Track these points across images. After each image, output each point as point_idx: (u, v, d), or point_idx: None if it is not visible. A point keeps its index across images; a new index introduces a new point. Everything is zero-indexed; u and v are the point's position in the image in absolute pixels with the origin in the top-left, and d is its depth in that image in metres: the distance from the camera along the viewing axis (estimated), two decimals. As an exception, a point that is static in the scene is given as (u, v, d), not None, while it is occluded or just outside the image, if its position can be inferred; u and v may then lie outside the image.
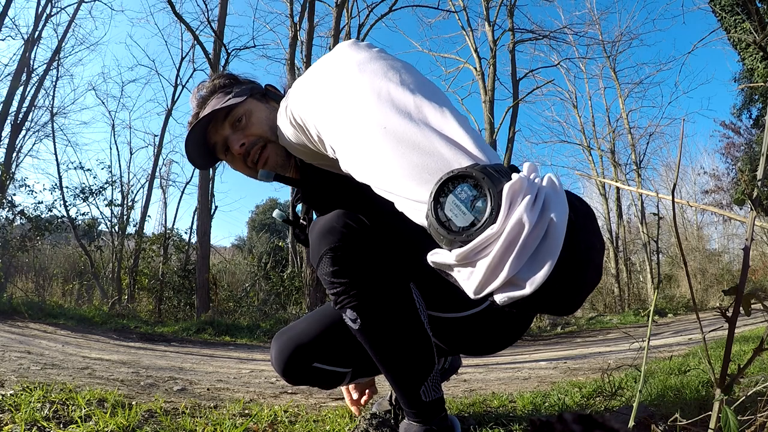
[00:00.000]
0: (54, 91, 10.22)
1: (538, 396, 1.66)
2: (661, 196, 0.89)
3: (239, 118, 0.95)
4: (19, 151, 9.81)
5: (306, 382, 1.13)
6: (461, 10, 11.34)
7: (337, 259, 0.83)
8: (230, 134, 0.95)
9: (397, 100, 0.55)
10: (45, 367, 2.17)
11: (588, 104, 21.31)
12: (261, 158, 0.94)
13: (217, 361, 3.31)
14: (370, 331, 0.86)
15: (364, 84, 0.59)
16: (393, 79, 0.59)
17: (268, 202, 23.24)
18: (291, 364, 1.08)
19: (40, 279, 9.65)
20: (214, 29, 8.46)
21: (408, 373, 0.90)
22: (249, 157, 0.94)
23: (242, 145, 0.93)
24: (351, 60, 0.64)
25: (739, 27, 8.57)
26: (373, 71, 0.61)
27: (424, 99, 0.55)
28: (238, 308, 8.73)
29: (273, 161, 0.95)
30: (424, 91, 0.57)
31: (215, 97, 0.99)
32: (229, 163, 1.01)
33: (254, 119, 0.95)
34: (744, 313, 0.68)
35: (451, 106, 0.56)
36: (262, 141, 0.94)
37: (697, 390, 1.46)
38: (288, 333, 1.13)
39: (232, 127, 0.95)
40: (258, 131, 0.94)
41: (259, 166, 0.95)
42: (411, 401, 0.92)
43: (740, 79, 11.26)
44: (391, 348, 0.88)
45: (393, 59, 0.65)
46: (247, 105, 0.96)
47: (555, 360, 3.56)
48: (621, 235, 14.19)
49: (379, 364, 0.92)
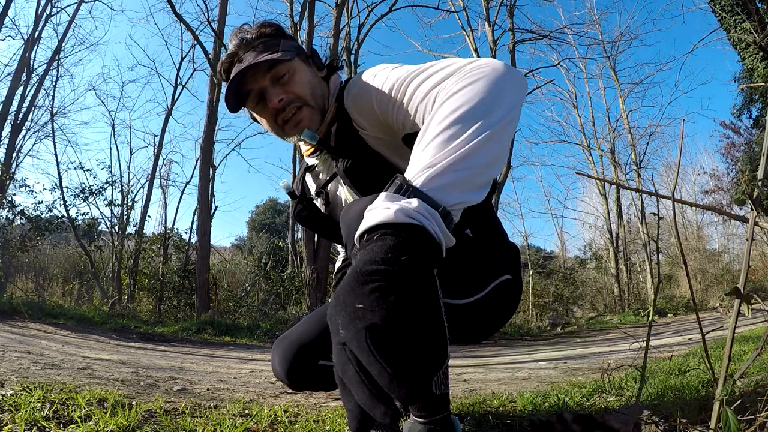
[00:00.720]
0: (54, 91, 10.22)
1: (538, 396, 1.66)
2: (661, 196, 0.89)
3: (283, 74, 0.94)
4: (19, 151, 9.82)
5: (310, 383, 1.11)
6: (461, 10, 11.35)
7: None
8: (269, 87, 0.95)
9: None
10: (45, 367, 2.17)
11: (588, 104, 21.36)
12: (294, 118, 0.95)
13: (217, 361, 3.31)
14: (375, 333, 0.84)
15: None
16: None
17: (268, 202, 23.27)
18: (296, 363, 1.06)
19: (40, 279, 9.65)
20: (214, 29, 8.46)
21: (423, 362, 0.85)
22: (283, 113, 0.95)
23: (281, 101, 0.94)
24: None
25: (739, 27, 8.57)
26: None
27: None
28: (238, 308, 8.73)
29: (305, 124, 0.96)
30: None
31: (260, 45, 0.96)
32: (256, 114, 1.00)
33: (297, 78, 0.95)
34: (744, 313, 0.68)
35: None
36: (299, 102, 0.95)
37: (697, 390, 1.46)
38: (289, 337, 1.12)
39: (273, 80, 0.95)
40: (299, 91, 0.95)
41: (289, 127, 0.96)
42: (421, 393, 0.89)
43: (740, 79, 11.26)
44: (411, 336, 0.84)
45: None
46: (294, 63, 0.96)
47: (555, 360, 3.56)
48: (621, 235, 14.18)
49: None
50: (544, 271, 13.68)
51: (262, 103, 0.97)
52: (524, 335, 7.70)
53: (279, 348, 1.11)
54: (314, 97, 0.96)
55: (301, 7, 8.71)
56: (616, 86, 14.69)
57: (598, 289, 14.31)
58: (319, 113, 0.97)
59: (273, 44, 0.96)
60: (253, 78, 0.94)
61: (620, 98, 14.62)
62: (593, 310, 12.89)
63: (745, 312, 0.69)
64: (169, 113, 11.14)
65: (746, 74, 9.73)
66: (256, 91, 0.96)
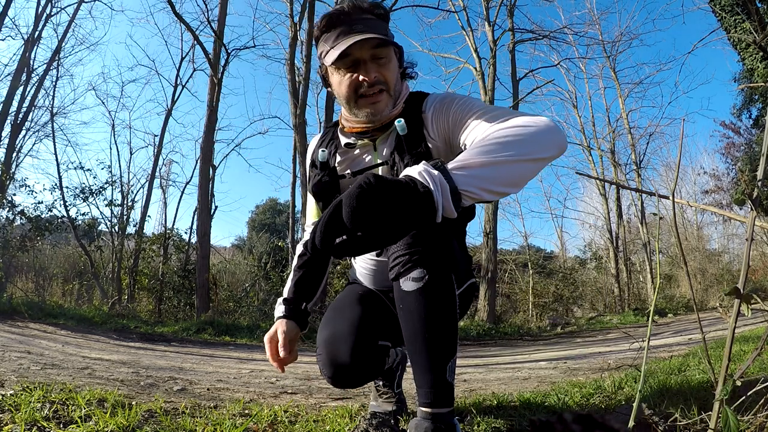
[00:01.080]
0: (54, 91, 10.18)
1: (538, 396, 1.66)
2: (661, 196, 0.89)
3: (382, 57, 1.06)
4: (19, 151, 9.80)
5: (370, 365, 1.08)
6: (461, 10, 11.32)
7: None
8: (368, 60, 1.05)
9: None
10: (45, 367, 2.17)
11: (588, 104, 21.28)
12: (373, 97, 1.07)
13: (217, 361, 3.31)
14: (430, 290, 0.91)
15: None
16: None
17: (268, 202, 23.27)
18: (360, 343, 1.04)
19: (40, 279, 9.65)
20: (214, 29, 8.46)
21: (443, 345, 0.92)
22: (367, 87, 1.05)
23: (375, 77, 1.05)
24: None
25: (739, 27, 8.56)
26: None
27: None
28: (238, 308, 8.73)
29: (380, 107, 1.08)
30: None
31: (372, 19, 1.06)
32: (339, 75, 1.08)
33: (390, 67, 1.08)
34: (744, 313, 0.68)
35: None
36: (385, 86, 1.07)
37: (697, 390, 1.46)
38: (336, 326, 1.09)
39: (373, 57, 1.05)
40: (389, 77, 1.07)
41: (364, 101, 1.07)
42: (437, 379, 0.91)
43: (740, 79, 11.26)
44: (439, 313, 0.92)
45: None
46: (391, 52, 1.09)
47: (555, 360, 3.56)
48: (621, 235, 14.17)
49: (420, 333, 0.92)
50: (544, 271, 13.69)
51: (352, 69, 1.06)
52: (524, 335, 7.71)
53: (331, 331, 1.08)
54: (395, 89, 1.10)
55: (301, 7, 8.70)
56: (616, 86, 14.68)
57: (598, 289, 14.30)
58: (392, 103, 1.10)
59: (382, 26, 1.08)
60: (360, 47, 1.03)
61: (620, 98, 14.61)
62: (593, 310, 12.88)
63: (745, 312, 0.69)
64: (169, 113, 11.12)
65: (746, 74, 9.73)
66: (354, 58, 1.05)
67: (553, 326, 9.02)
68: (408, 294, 0.92)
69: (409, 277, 0.91)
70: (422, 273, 0.90)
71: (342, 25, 1.04)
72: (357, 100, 1.07)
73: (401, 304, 0.94)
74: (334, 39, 1.04)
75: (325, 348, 1.08)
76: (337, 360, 1.05)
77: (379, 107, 1.07)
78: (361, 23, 1.04)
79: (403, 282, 0.92)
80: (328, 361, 1.06)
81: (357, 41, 1.00)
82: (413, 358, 0.94)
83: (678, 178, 0.78)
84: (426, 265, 0.91)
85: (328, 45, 1.05)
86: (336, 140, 1.19)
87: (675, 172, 0.77)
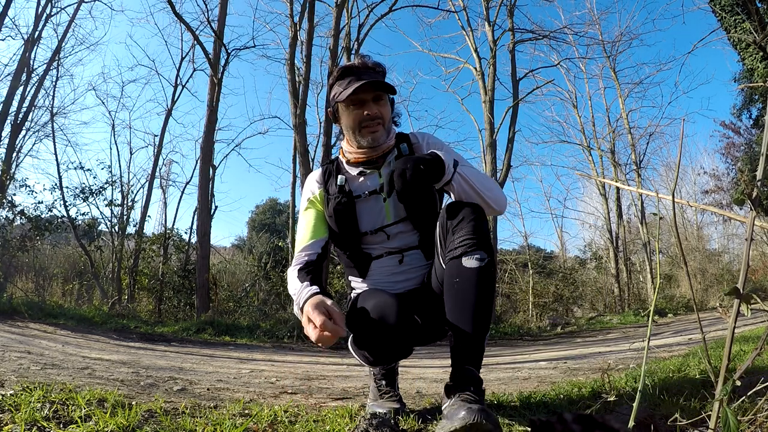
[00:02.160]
0: (54, 91, 10.18)
1: (537, 396, 1.66)
2: (661, 196, 0.89)
3: (381, 99, 1.40)
4: (19, 151, 9.81)
5: (407, 337, 1.20)
6: (461, 10, 11.32)
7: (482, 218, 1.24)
8: (370, 101, 1.38)
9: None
10: (45, 367, 2.17)
11: (588, 104, 21.17)
12: (372, 129, 1.38)
13: (217, 361, 3.31)
14: (488, 270, 1.15)
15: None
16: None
17: (268, 202, 23.27)
18: (403, 310, 1.18)
19: (40, 279, 9.66)
20: (214, 29, 8.46)
21: (487, 317, 1.14)
22: (369, 119, 1.37)
23: (375, 113, 1.38)
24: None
25: (739, 27, 8.56)
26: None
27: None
28: (238, 308, 8.73)
29: (377, 135, 1.39)
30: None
31: (377, 73, 1.42)
32: (345, 111, 1.41)
33: (386, 109, 1.42)
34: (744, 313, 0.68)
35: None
36: (382, 121, 1.39)
37: (697, 390, 1.46)
38: (374, 298, 1.22)
39: (374, 99, 1.38)
40: (386, 115, 1.41)
41: (365, 131, 1.38)
42: (477, 350, 1.12)
43: (740, 79, 11.25)
44: (488, 291, 1.14)
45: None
46: (386, 99, 1.43)
47: (555, 360, 3.56)
48: (621, 235, 14.17)
49: (470, 302, 1.13)
50: (544, 271, 13.69)
51: (355, 106, 1.38)
52: (524, 335, 7.71)
53: (376, 306, 1.18)
54: (388, 125, 1.44)
55: (301, 7, 8.70)
56: (616, 86, 14.67)
57: (598, 289, 14.30)
58: (386, 135, 1.42)
59: (381, 78, 1.42)
60: (366, 90, 1.36)
61: (620, 98, 14.60)
62: (593, 310, 12.89)
63: (745, 312, 0.69)
64: (169, 113, 11.12)
65: (746, 74, 9.73)
66: (361, 98, 1.37)
67: (553, 326, 9.02)
68: (469, 269, 1.14)
69: (473, 256, 1.14)
70: (484, 255, 1.15)
71: (353, 75, 1.38)
72: (361, 129, 1.38)
73: (458, 278, 1.15)
74: (347, 84, 1.36)
75: (371, 318, 1.17)
76: (386, 322, 1.15)
77: (377, 136, 1.39)
78: (366, 75, 1.38)
79: (466, 259, 1.14)
80: (376, 326, 1.16)
81: (365, 83, 1.33)
82: (460, 321, 1.12)
83: (678, 178, 0.79)
84: (487, 249, 1.16)
85: (342, 88, 1.37)
86: (343, 171, 1.46)
87: (675, 172, 0.77)
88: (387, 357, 1.26)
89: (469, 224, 1.18)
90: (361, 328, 1.20)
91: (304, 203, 1.49)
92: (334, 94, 1.41)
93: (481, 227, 1.18)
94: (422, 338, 1.42)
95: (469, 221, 1.18)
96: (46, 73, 9.84)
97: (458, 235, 1.17)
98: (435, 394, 1.89)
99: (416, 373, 2.77)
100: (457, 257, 1.15)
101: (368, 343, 1.21)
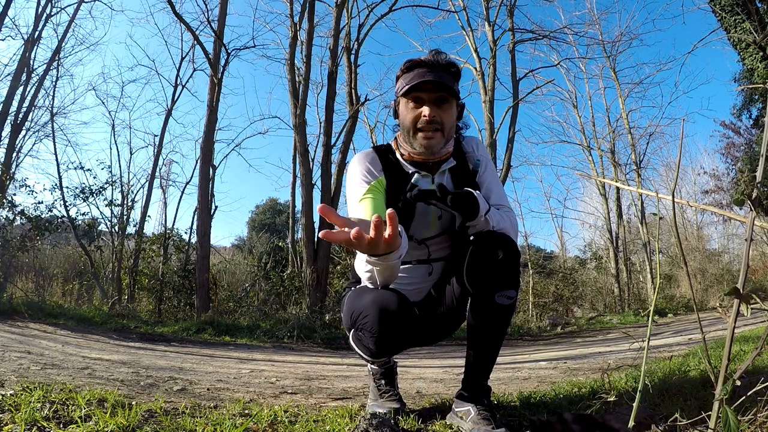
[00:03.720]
0: (54, 91, 10.15)
1: (537, 396, 1.66)
2: (661, 196, 0.89)
3: (444, 102, 1.30)
4: (19, 151, 9.79)
5: (409, 328, 1.21)
6: (461, 10, 11.31)
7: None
8: (432, 102, 1.29)
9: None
10: (45, 367, 2.17)
11: (588, 104, 21.13)
12: (428, 134, 1.30)
13: (217, 361, 3.31)
14: (511, 309, 1.25)
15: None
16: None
17: (268, 202, 23.26)
18: (404, 300, 1.20)
19: (40, 279, 9.65)
20: (214, 29, 8.45)
21: (500, 346, 1.30)
22: (425, 123, 1.29)
23: (432, 116, 1.29)
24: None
25: (739, 27, 8.56)
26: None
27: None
28: (238, 308, 8.72)
29: (432, 143, 1.31)
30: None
31: (446, 73, 1.31)
32: (403, 106, 1.33)
33: (449, 113, 1.32)
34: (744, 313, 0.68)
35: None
36: (440, 126, 1.30)
37: (697, 390, 1.46)
38: (375, 292, 1.22)
39: (437, 100, 1.29)
40: (446, 121, 1.31)
41: (420, 135, 1.30)
42: (491, 367, 1.31)
43: (740, 79, 11.26)
44: (506, 326, 1.29)
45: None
46: (452, 103, 1.33)
47: (555, 360, 3.56)
48: (621, 235, 14.16)
49: (495, 334, 1.27)
50: (544, 271, 13.67)
51: (416, 104, 1.30)
52: (524, 335, 7.70)
53: (378, 297, 1.19)
54: (449, 133, 1.34)
55: (301, 7, 8.70)
56: (616, 86, 14.65)
57: (598, 289, 14.29)
58: (444, 143, 1.34)
59: (451, 80, 1.31)
60: (429, 88, 1.28)
61: (620, 98, 14.58)
62: (593, 310, 12.88)
63: (745, 312, 0.69)
64: (169, 113, 11.10)
65: (746, 74, 9.72)
66: (421, 95, 1.29)
67: (553, 326, 9.02)
68: (500, 307, 1.23)
69: (505, 294, 1.23)
70: (513, 294, 1.24)
71: (419, 69, 1.29)
72: (415, 132, 1.31)
73: (488, 311, 1.24)
74: (411, 78, 1.28)
75: (374, 303, 1.18)
76: (388, 309, 1.17)
77: (432, 143, 1.30)
78: (434, 72, 1.28)
79: (499, 297, 1.22)
80: (378, 312, 1.17)
81: (426, 80, 1.25)
82: (483, 348, 1.28)
83: (678, 178, 0.79)
84: (516, 287, 1.25)
85: (405, 82, 1.30)
86: (399, 165, 1.39)
87: (675, 172, 0.77)
88: (389, 344, 1.22)
89: (506, 262, 1.21)
90: (363, 312, 1.21)
91: (361, 186, 1.33)
92: (398, 87, 1.34)
93: (516, 267, 1.23)
94: (422, 336, 1.42)
95: (506, 259, 1.21)
96: (46, 73, 9.83)
97: (493, 269, 1.21)
98: (435, 394, 1.89)
99: (416, 373, 2.78)
100: (490, 292, 1.22)
101: (371, 327, 1.19)
